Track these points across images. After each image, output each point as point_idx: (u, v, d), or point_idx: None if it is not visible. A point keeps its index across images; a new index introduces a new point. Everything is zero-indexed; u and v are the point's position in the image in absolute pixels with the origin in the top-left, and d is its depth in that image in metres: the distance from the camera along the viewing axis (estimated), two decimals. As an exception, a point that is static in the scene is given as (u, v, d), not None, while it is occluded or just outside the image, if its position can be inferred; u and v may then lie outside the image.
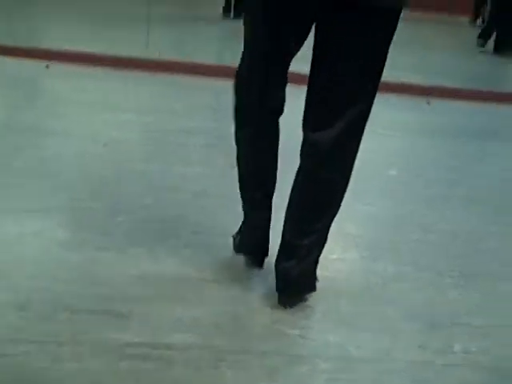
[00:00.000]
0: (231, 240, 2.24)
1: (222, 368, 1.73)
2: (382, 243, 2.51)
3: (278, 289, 2.00)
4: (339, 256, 2.37)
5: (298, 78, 2.23)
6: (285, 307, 2.00)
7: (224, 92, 4.35)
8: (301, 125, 1.89)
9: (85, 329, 1.81)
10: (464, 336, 1.98)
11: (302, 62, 2.01)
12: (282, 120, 1.98)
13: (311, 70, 1.84)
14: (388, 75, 5.05)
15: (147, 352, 1.74)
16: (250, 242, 2.15)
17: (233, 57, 4.92)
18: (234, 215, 2.36)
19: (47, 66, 4.50)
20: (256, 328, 1.91)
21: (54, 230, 2.31)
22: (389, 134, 3.86)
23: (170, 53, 5.07)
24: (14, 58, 4.53)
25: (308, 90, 1.86)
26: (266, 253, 2.11)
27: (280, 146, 2.02)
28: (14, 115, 3.42)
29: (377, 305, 2.09)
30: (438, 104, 4.72)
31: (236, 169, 2.08)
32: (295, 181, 1.94)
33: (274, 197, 2.06)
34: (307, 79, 1.87)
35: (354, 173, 3.12)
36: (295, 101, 1.97)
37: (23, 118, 3.42)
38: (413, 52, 6.31)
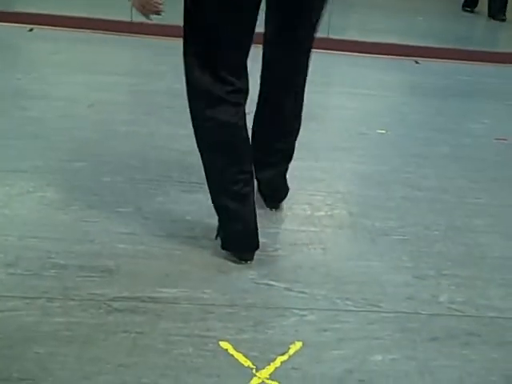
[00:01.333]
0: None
1: (209, 320, 1.75)
2: (369, 200, 2.52)
3: (265, 195, 2.31)
4: (327, 212, 2.38)
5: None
6: (274, 208, 2.33)
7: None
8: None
9: (73, 284, 1.82)
10: (450, 287, 2.01)
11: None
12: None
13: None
14: (376, 37, 5.05)
15: (135, 305, 1.76)
16: (243, 237, 2.02)
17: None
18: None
19: (31, 30, 4.43)
20: (243, 282, 1.93)
21: (41, 190, 2.31)
22: (377, 94, 3.85)
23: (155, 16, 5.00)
24: (-3, 23, 4.46)
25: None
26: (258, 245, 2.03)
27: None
28: (-2, 78, 3.39)
29: (364, 259, 2.11)
30: (425, 64, 4.71)
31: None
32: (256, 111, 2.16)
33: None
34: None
35: (342, 132, 3.15)
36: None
37: (7, 80, 3.38)
38: (399, 15, 6.26)
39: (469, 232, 2.35)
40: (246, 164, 1.94)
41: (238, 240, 2.01)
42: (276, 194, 2.35)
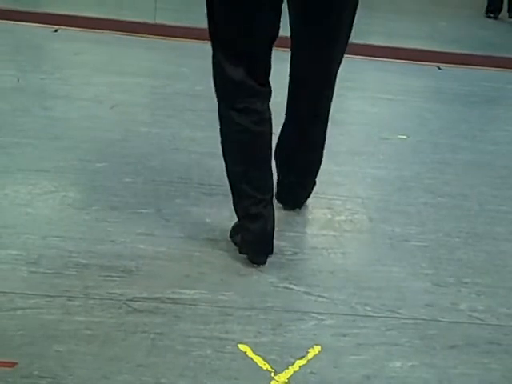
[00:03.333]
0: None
1: (228, 323, 1.75)
2: (390, 205, 2.51)
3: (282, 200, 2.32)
4: (347, 217, 2.38)
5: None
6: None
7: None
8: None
9: (94, 283, 1.84)
10: (470, 295, 2.00)
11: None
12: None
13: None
14: (398, 42, 5.01)
15: (154, 306, 1.77)
16: (258, 240, 2.01)
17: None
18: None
19: (56, 31, 4.48)
20: (263, 285, 1.93)
21: (63, 190, 2.33)
22: (399, 99, 3.83)
23: (177, 18, 5.03)
24: (23, 23, 4.51)
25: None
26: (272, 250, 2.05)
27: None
28: (23, 78, 3.42)
29: (384, 264, 2.11)
30: (449, 70, 4.67)
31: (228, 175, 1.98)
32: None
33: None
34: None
35: (363, 136, 3.14)
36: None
37: (32, 81, 3.41)
38: (423, 20, 6.23)
39: (490, 239, 2.33)
40: (266, 170, 1.95)
41: (254, 243, 2.00)
42: (294, 200, 2.37)
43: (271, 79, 1.89)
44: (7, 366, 1.53)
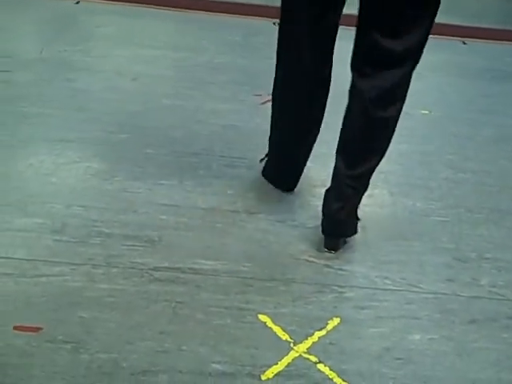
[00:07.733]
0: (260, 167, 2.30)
1: (249, 294, 1.77)
2: (411, 180, 2.50)
3: (325, 232, 1.98)
4: (368, 192, 2.36)
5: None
6: (330, 251, 1.98)
7: (252, 30, 4.31)
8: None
9: (117, 252, 1.87)
10: (491, 270, 2.00)
11: None
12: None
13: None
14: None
15: (176, 276, 1.80)
16: (283, 174, 2.21)
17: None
18: (263, 149, 2.37)
19: (77, 3, 4.48)
20: (283, 257, 1.94)
21: (87, 161, 2.35)
22: (421, 74, 3.76)
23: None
24: (44, -5, 4.52)
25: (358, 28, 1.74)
26: (295, 185, 2.16)
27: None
28: (46, 50, 3.43)
29: (404, 238, 2.11)
30: (474, 45, 4.60)
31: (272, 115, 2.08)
32: (345, 121, 1.88)
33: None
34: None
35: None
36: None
37: (55, 52, 3.42)
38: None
39: (512, 215, 2.32)
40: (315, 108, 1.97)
41: (279, 174, 2.19)
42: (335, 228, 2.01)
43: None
44: (32, 330, 1.57)
